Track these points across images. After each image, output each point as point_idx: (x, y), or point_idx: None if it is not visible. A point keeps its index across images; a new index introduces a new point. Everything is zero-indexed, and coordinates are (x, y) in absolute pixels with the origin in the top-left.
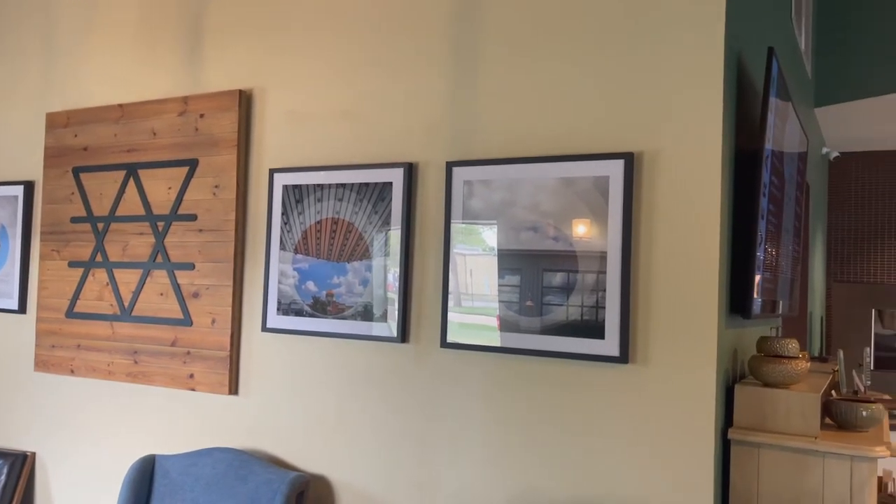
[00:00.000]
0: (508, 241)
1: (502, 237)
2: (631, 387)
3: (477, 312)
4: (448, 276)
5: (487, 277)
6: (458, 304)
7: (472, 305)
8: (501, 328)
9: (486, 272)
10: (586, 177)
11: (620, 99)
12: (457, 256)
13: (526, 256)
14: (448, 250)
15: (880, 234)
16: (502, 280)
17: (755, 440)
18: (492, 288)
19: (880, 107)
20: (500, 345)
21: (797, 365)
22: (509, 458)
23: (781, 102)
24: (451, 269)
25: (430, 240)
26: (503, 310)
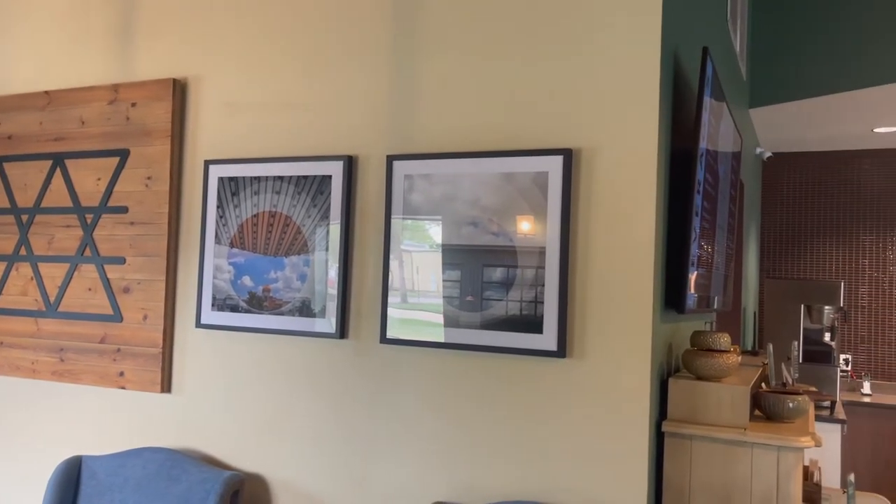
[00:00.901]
0: (449, 236)
1: (443, 232)
2: (568, 381)
3: (417, 308)
4: (388, 271)
5: (428, 272)
6: (399, 300)
7: (412, 301)
8: (441, 323)
9: (427, 267)
10: (526, 172)
11: (560, 95)
12: (397, 251)
13: (467, 251)
14: (388, 245)
15: (810, 233)
16: (443, 275)
17: (688, 432)
18: (432, 283)
19: (812, 109)
20: (441, 340)
21: (728, 358)
22: (449, 454)
23: (716, 102)
24: (392, 264)
25: (370, 234)
26: (444, 305)
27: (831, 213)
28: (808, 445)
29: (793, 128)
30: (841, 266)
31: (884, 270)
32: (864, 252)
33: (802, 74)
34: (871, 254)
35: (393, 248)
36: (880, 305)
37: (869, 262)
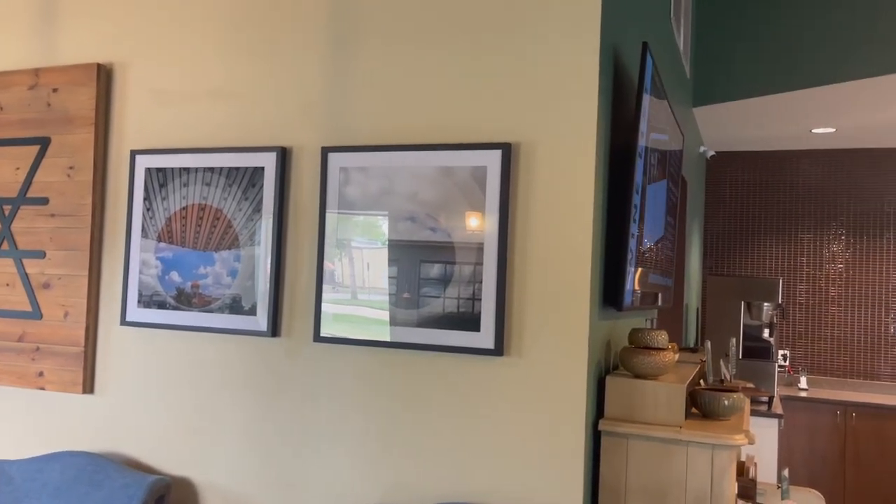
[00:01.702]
0: (386, 231)
1: (379, 227)
2: (505, 380)
3: (353, 305)
4: (322, 266)
5: (364, 269)
6: (333, 297)
7: (347, 298)
8: (377, 321)
9: (363, 263)
10: (465, 167)
11: (498, 88)
12: (332, 247)
13: (403, 247)
14: (323, 240)
15: (752, 231)
16: (380, 272)
17: (624, 431)
18: (368, 280)
19: (753, 108)
20: (377, 338)
21: (665, 356)
22: (383, 455)
23: (657, 99)
24: (326, 260)
25: (304, 228)
26: (380, 302)
27: (772, 211)
28: (742, 443)
29: (735, 127)
30: (781, 264)
31: (821, 268)
32: (803, 250)
33: (744, 74)
34: (809, 252)
35: (328, 243)
36: (817, 302)
37: (807, 259)
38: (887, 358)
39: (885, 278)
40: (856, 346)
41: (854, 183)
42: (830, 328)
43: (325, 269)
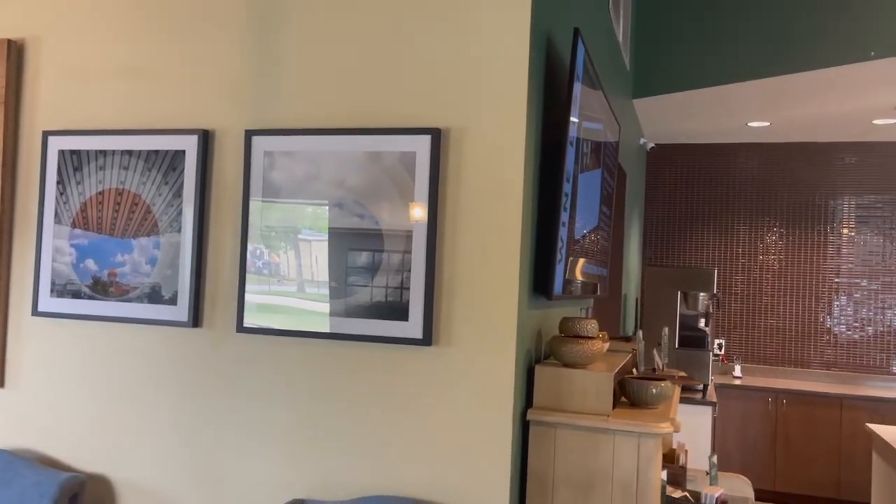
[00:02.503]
0: (312, 217)
1: (306, 213)
2: (434, 370)
3: (278, 294)
4: (246, 254)
5: (289, 257)
6: (258, 286)
7: (272, 287)
8: (303, 310)
9: (288, 251)
10: (393, 152)
11: (428, 73)
12: (256, 233)
13: (330, 235)
14: (247, 227)
15: (691, 223)
16: (304, 260)
17: (552, 420)
18: (293, 268)
19: (691, 101)
20: (302, 328)
21: (594, 345)
22: (309, 447)
23: (590, 89)
24: (250, 247)
25: (227, 214)
26: (306, 291)
27: (710, 203)
28: (668, 431)
29: (674, 119)
30: (718, 255)
31: (755, 259)
32: (739, 241)
33: (682, 67)
34: (746, 243)
35: (251, 230)
36: (753, 292)
37: (743, 251)
38: (817, 347)
39: (817, 269)
40: (788, 336)
41: (788, 176)
42: (765, 318)
43: (249, 257)
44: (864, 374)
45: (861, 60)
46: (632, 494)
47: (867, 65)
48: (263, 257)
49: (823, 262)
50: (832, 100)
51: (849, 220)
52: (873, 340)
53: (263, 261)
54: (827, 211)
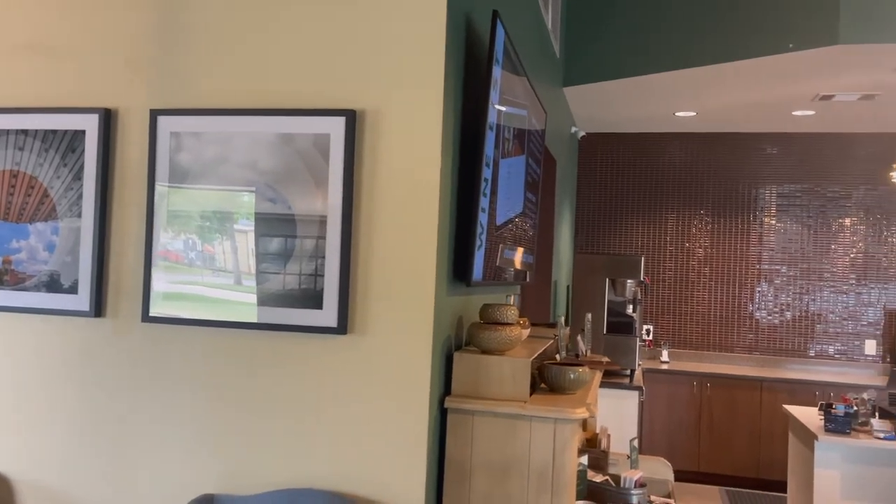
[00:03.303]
0: (221, 202)
1: (215, 198)
2: (349, 359)
3: (186, 283)
4: (151, 240)
5: (197, 242)
6: (164, 273)
7: (180, 275)
8: (213, 299)
9: (197, 236)
10: (306, 134)
11: (343, 53)
12: (162, 218)
13: (241, 219)
14: (152, 211)
15: (621, 211)
16: (215, 246)
17: (470, 408)
18: (202, 254)
19: (621, 89)
20: (212, 317)
21: (512, 331)
22: (221, 442)
23: (512, 74)
24: (157, 232)
25: (132, 198)
26: (216, 279)
27: (640, 191)
28: (583, 416)
29: (604, 108)
30: (648, 242)
31: (683, 247)
32: (667, 229)
33: (611, 55)
34: (673, 231)
35: (157, 214)
36: (680, 279)
37: (671, 238)
38: (741, 332)
39: (741, 257)
40: (714, 321)
41: (714, 165)
42: (692, 304)
43: (155, 243)
44: (784, 357)
45: (779, 52)
46: (547, 479)
47: (785, 57)
48: (170, 244)
49: (747, 249)
50: (754, 91)
51: (770, 208)
52: (792, 325)
53: (170, 247)
54: (750, 200)
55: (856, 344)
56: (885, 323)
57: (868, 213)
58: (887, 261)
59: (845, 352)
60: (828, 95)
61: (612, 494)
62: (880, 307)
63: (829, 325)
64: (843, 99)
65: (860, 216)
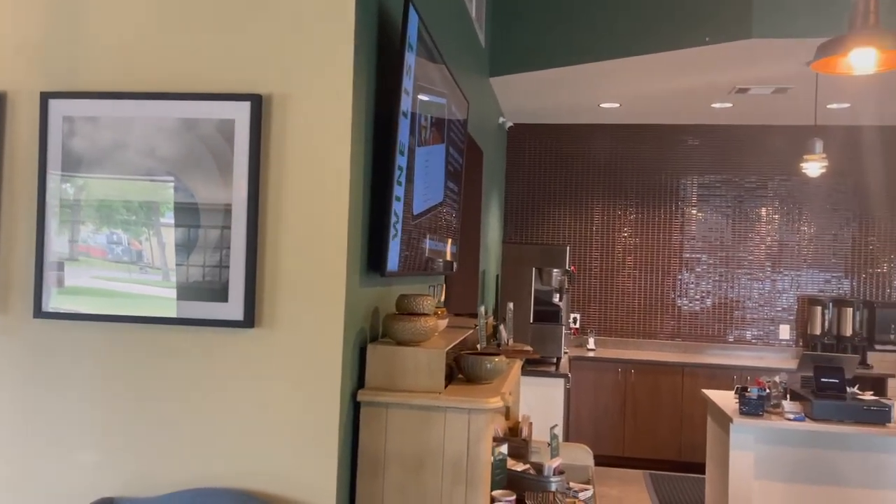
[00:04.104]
0: (118, 189)
1: (113, 186)
2: (257, 353)
3: (83, 276)
4: (44, 230)
5: (95, 233)
6: (59, 266)
7: (76, 268)
8: (111, 292)
9: (94, 227)
10: (210, 119)
11: (248, 35)
12: (55, 208)
13: (141, 209)
14: (44, 200)
15: (550, 201)
16: (113, 237)
17: (383, 400)
18: (99, 245)
19: (547, 80)
20: (110, 312)
21: (427, 322)
22: (122, 443)
23: (429, 61)
24: (50, 223)
25: (21, 188)
26: (115, 272)
27: (567, 181)
28: (497, 405)
29: (532, 99)
30: (575, 232)
31: (609, 236)
32: (594, 219)
33: (536, 46)
34: (600, 221)
35: (49, 204)
36: (606, 268)
37: (598, 228)
38: (664, 319)
39: (665, 246)
40: (638, 309)
41: (638, 156)
42: (617, 292)
43: (48, 234)
44: (704, 343)
45: (696, 45)
46: (462, 470)
47: (702, 50)
48: (64, 235)
49: (670, 238)
50: (674, 83)
51: (692, 199)
52: (712, 312)
53: (64, 239)
54: (673, 190)
55: (771, 329)
56: (798, 308)
57: (782, 202)
58: (800, 249)
59: (762, 337)
60: (744, 88)
61: (532, 483)
62: (793, 293)
63: (747, 311)
64: (759, 92)
65: (775, 206)
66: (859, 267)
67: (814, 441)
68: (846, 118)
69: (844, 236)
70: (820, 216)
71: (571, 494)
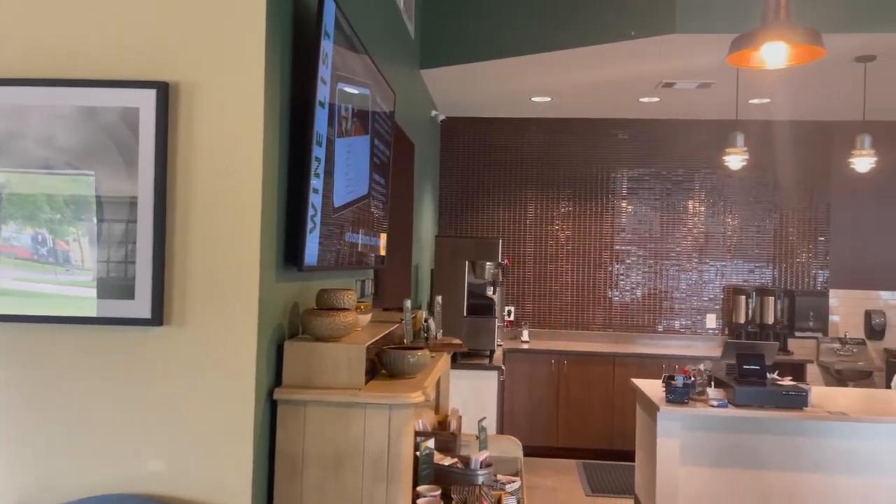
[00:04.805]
0: (16, 182)
1: (6, 178)
2: (167, 352)
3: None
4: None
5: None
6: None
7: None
8: (7, 291)
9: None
10: (113, 107)
11: (153, 18)
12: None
13: (39, 203)
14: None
15: (483, 194)
16: (8, 231)
17: (301, 398)
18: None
19: (479, 73)
20: (8, 312)
21: (346, 317)
22: (25, 448)
23: (349, 51)
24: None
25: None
26: (11, 268)
27: (501, 175)
28: (419, 400)
29: (463, 92)
30: (510, 225)
31: (543, 229)
32: (528, 212)
33: (467, 38)
34: (534, 214)
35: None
36: (540, 261)
37: (531, 221)
38: (596, 310)
39: (597, 238)
40: (572, 300)
41: (571, 150)
42: (551, 285)
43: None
44: (635, 333)
45: (623, 39)
46: (383, 467)
47: (629, 44)
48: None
49: (601, 231)
50: (603, 77)
51: (622, 192)
52: (642, 302)
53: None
54: (604, 183)
55: (698, 318)
56: (724, 298)
57: (708, 195)
58: (725, 240)
59: (690, 326)
60: (670, 83)
61: (459, 476)
62: (719, 283)
63: (675, 301)
64: (684, 87)
65: (702, 198)
66: (780, 257)
67: (737, 426)
68: (767, 113)
69: (767, 228)
70: (744, 208)
71: (498, 487)
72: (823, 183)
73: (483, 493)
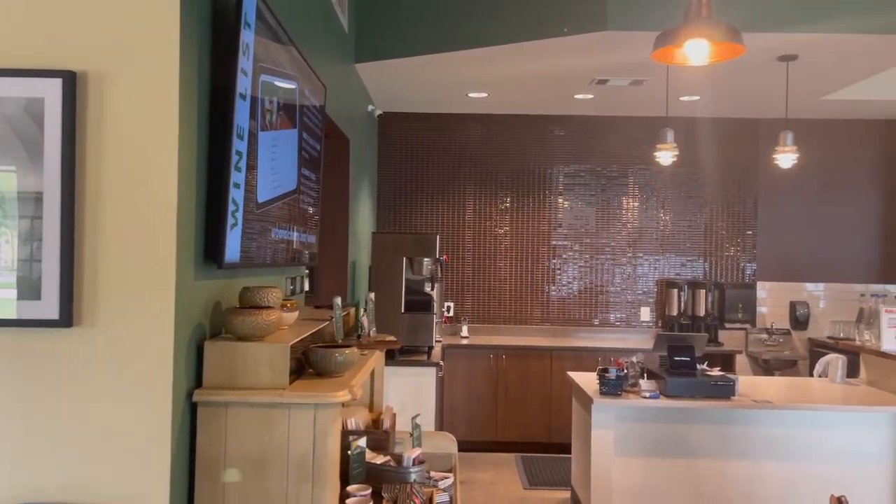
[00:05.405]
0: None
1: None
2: (77, 355)
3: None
4: None
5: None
6: None
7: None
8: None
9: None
10: (15, 98)
11: (58, 3)
12: None
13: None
14: None
15: (421, 190)
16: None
17: (222, 399)
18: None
19: (415, 68)
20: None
21: (270, 315)
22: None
23: (275, 42)
24: None
25: None
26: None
27: (439, 170)
28: (345, 399)
29: (401, 87)
30: (449, 221)
31: (482, 225)
32: (467, 208)
33: (403, 32)
34: (473, 210)
35: None
36: (479, 257)
37: (470, 217)
38: (534, 304)
39: (535, 234)
40: (511, 295)
41: (508, 146)
42: (490, 280)
43: None
44: (572, 327)
45: (556, 36)
46: (308, 468)
47: (562, 41)
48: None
49: (539, 226)
50: (537, 73)
51: (559, 188)
52: (578, 297)
53: None
54: (542, 179)
55: (633, 311)
56: (657, 291)
57: (642, 190)
58: (658, 235)
59: (625, 319)
60: (603, 80)
61: (391, 475)
62: (653, 277)
63: (611, 295)
64: (617, 83)
65: (635, 194)
66: (711, 251)
67: (668, 416)
68: (696, 110)
69: (698, 222)
70: (676, 204)
71: (431, 484)
72: (751, 179)
73: (415, 490)
